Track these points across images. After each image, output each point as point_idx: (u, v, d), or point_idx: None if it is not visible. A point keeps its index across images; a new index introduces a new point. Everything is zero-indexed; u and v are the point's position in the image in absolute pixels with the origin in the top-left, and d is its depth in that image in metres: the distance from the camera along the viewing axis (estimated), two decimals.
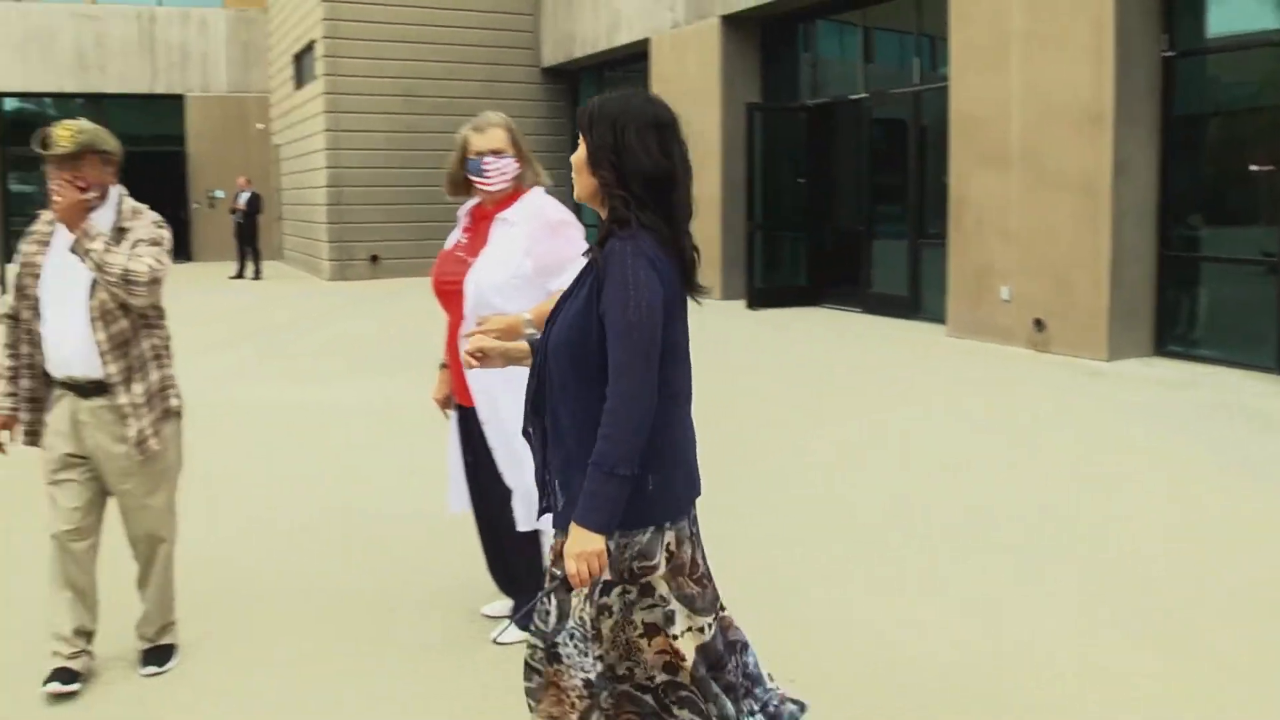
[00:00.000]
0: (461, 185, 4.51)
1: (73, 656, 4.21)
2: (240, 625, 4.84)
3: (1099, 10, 11.20)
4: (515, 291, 4.23)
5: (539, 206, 4.39)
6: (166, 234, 4.27)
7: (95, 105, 28.89)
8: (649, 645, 2.90)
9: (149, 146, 28.86)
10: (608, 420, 2.69)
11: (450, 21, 23.13)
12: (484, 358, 3.35)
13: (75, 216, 4.02)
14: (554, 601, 2.89)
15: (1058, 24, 11.67)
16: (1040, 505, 6.43)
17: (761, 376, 10.99)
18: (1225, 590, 5.06)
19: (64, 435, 4.18)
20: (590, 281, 2.80)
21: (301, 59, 25.41)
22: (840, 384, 10.55)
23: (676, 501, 2.88)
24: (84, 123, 4.16)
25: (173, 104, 29.85)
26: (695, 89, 18.14)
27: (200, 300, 18.82)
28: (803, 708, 3.19)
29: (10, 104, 28.65)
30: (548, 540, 4.36)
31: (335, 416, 9.36)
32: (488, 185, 4.41)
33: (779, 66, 18.11)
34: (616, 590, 2.85)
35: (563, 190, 4.29)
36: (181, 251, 28.34)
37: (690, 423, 2.97)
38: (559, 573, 2.80)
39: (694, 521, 2.96)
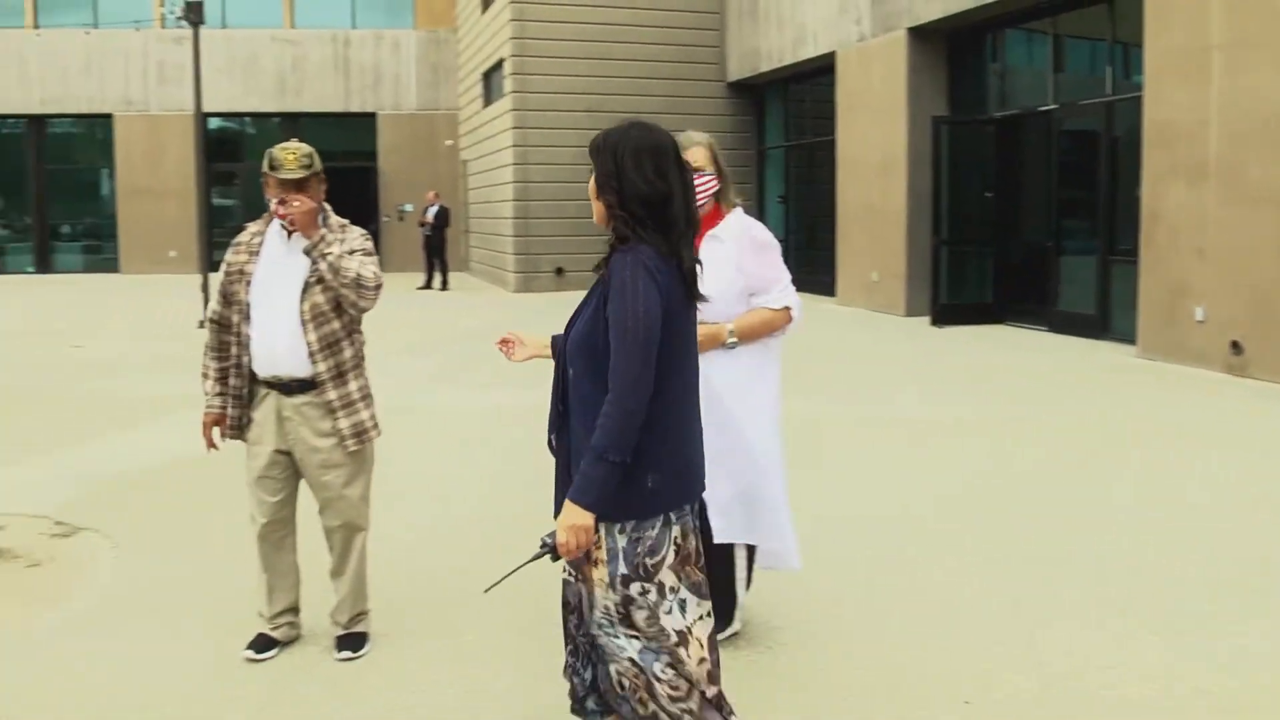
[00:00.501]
0: None
1: (274, 629, 4.62)
2: (427, 618, 4.99)
3: None
4: (724, 304, 4.41)
5: (746, 226, 4.59)
6: (372, 245, 4.58)
7: (292, 124, 30.16)
8: (689, 656, 3.12)
9: (341, 163, 29.91)
10: (604, 410, 2.97)
11: (636, 38, 23.32)
12: (511, 346, 3.74)
13: (311, 224, 4.37)
14: (585, 595, 3.17)
15: (1262, 29, 11.17)
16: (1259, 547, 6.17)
17: (952, 395, 10.78)
18: None
19: (269, 431, 4.48)
20: (599, 291, 3.10)
21: (490, 77, 25.93)
22: (1024, 406, 10.25)
23: (679, 496, 3.14)
24: (305, 146, 4.51)
25: (365, 122, 30.97)
26: (881, 102, 17.96)
27: (389, 310, 19.27)
28: None
29: (213, 123, 29.95)
30: (741, 554, 4.64)
31: (515, 420, 9.46)
32: None
33: (966, 78, 17.77)
34: (637, 586, 3.09)
35: (749, 205, 4.47)
36: None
37: (692, 425, 3.22)
38: (549, 541, 3.06)
39: (696, 514, 3.25)
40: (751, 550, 4.67)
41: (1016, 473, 7.66)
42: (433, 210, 25.19)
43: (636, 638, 3.11)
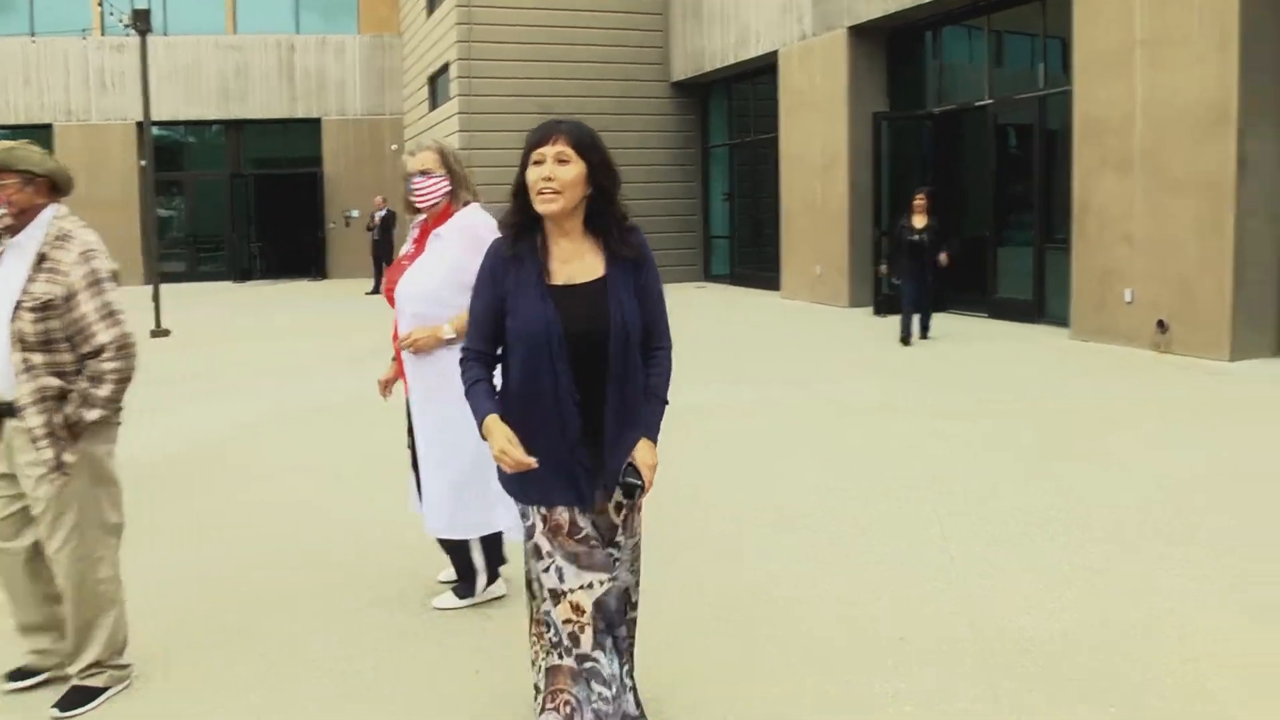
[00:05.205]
0: (409, 205, 4.99)
1: (29, 655, 4.24)
2: (221, 636, 4.79)
3: (1223, 10, 11.18)
4: (439, 301, 4.69)
5: (470, 223, 4.77)
6: (98, 265, 4.07)
7: (236, 131, 30.33)
8: (556, 616, 3.32)
9: (287, 169, 30.43)
10: (665, 361, 3.47)
11: (582, 40, 23.61)
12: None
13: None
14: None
15: (1182, 25, 11.66)
16: (1187, 502, 6.58)
17: (897, 380, 11.15)
18: None
19: None
20: (627, 269, 3.39)
21: (436, 81, 26.11)
22: (961, 386, 10.66)
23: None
24: (10, 143, 4.07)
25: (310, 127, 30.92)
26: (822, 100, 18.36)
27: (337, 314, 19.57)
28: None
29: (155, 131, 29.73)
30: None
31: None
32: (418, 202, 4.88)
33: (906, 75, 18.21)
34: (528, 546, 3.40)
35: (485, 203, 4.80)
36: (317, 269, 29.60)
37: None
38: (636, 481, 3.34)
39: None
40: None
41: (955, 445, 8.06)
42: (380, 215, 25.34)
43: (533, 597, 3.40)
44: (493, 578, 5.03)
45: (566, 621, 3.30)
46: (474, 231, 4.69)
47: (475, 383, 3.37)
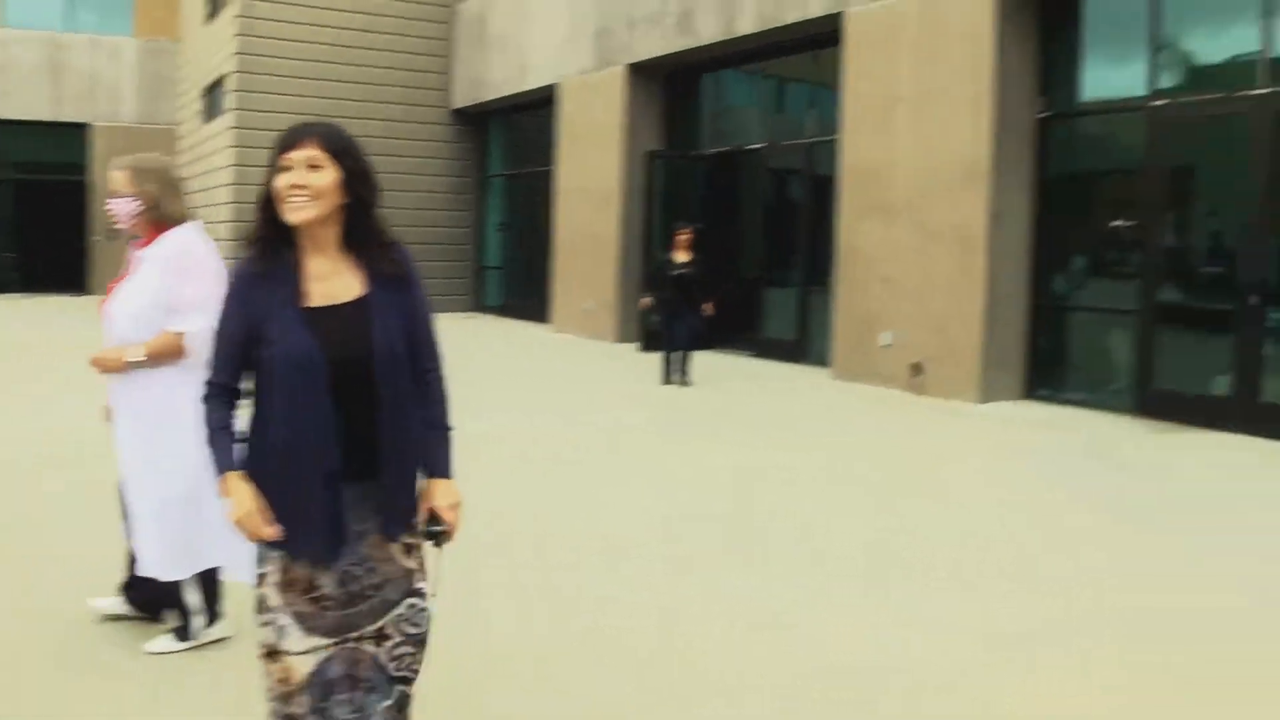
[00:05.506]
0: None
1: None
2: None
3: (979, 72, 11.76)
4: (147, 322, 4.48)
5: (179, 247, 4.56)
6: None
7: None
8: (267, 668, 3.00)
9: (50, 175, 28.60)
10: (441, 386, 3.14)
11: (363, 61, 23.26)
12: None
13: None
14: None
15: (942, 84, 12.20)
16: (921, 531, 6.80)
17: (657, 416, 11.28)
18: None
19: None
20: (385, 290, 3.03)
21: (212, 92, 25.34)
22: (715, 421, 10.85)
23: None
24: None
25: (77, 133, 29.13)
26: (599, 135, 18.51)
27: (94, 330, 18.76)
28: None
29: None
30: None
31: None
32: (114, 224, 4.72)
33: (682, 115, 18.52)
34: (258, 591, 3.01)
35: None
36: (78, 284, 27.89)
37: None
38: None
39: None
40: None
41: (770, 481, 8.17)
42: None
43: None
44: (213, 617, 4.69)
45: (279, 681, 2.97)
46: (179, 253, 4.51)
47: (217, 430, 2.97)
